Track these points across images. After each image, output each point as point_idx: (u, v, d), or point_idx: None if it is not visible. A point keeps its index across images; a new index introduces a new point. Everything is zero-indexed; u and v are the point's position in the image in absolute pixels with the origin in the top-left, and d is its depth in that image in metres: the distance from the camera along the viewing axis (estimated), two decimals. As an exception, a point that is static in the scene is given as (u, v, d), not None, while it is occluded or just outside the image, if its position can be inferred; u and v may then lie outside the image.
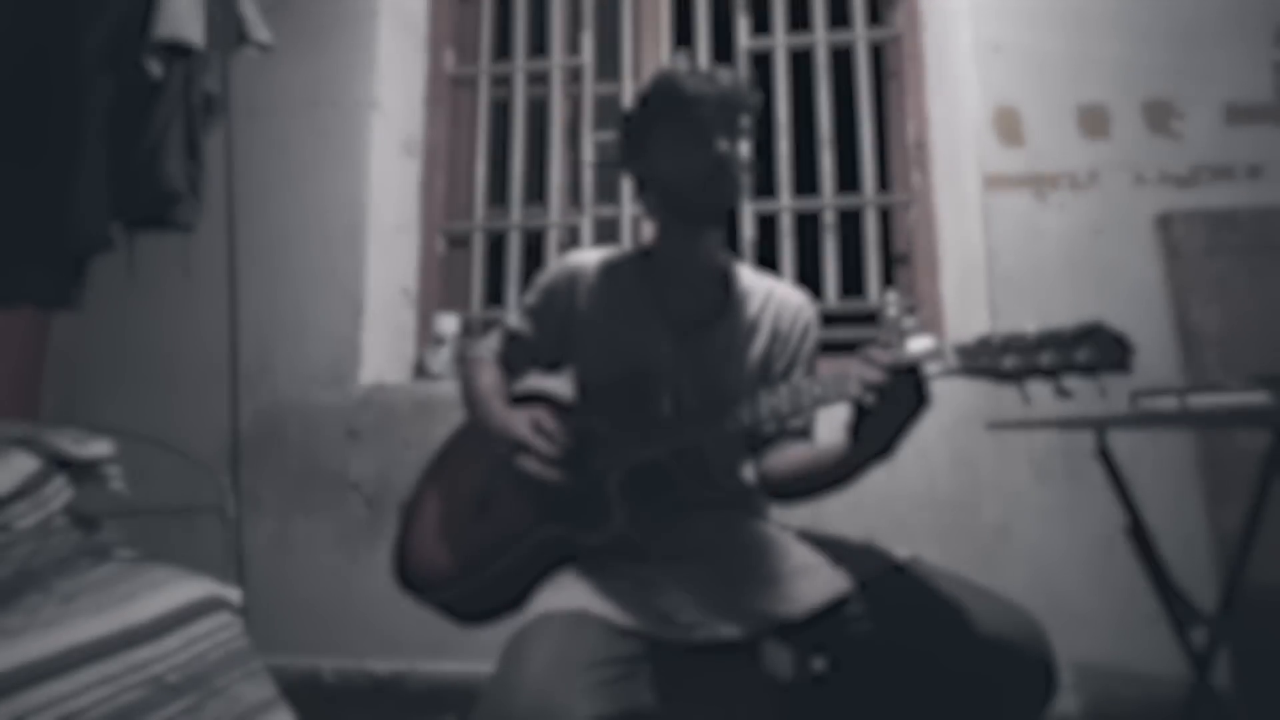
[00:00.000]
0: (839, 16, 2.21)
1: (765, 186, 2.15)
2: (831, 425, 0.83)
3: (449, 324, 2.10)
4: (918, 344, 0.74)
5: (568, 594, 0.83)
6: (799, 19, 2.21)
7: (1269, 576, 1.41)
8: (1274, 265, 1.65)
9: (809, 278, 2.02)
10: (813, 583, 0.84)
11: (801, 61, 2.20)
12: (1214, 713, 1.23)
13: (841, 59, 2.19)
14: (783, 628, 0.83)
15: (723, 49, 2.23)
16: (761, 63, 2.19)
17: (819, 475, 0.89)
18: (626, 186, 2.21)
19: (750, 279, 1.11)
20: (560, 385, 1.11)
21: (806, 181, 2.17)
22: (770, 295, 1.09)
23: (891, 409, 0.72)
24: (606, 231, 2.26)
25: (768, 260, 2.03)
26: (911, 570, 0.82)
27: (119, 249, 1.53)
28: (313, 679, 1.84)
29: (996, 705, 0.71)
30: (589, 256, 1.13)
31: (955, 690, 0.72)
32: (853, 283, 2.07)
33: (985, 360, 0.71)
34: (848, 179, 2.13)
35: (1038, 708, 0.71)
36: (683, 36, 2.29)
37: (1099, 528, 1.62)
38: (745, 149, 1.01)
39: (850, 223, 2.14)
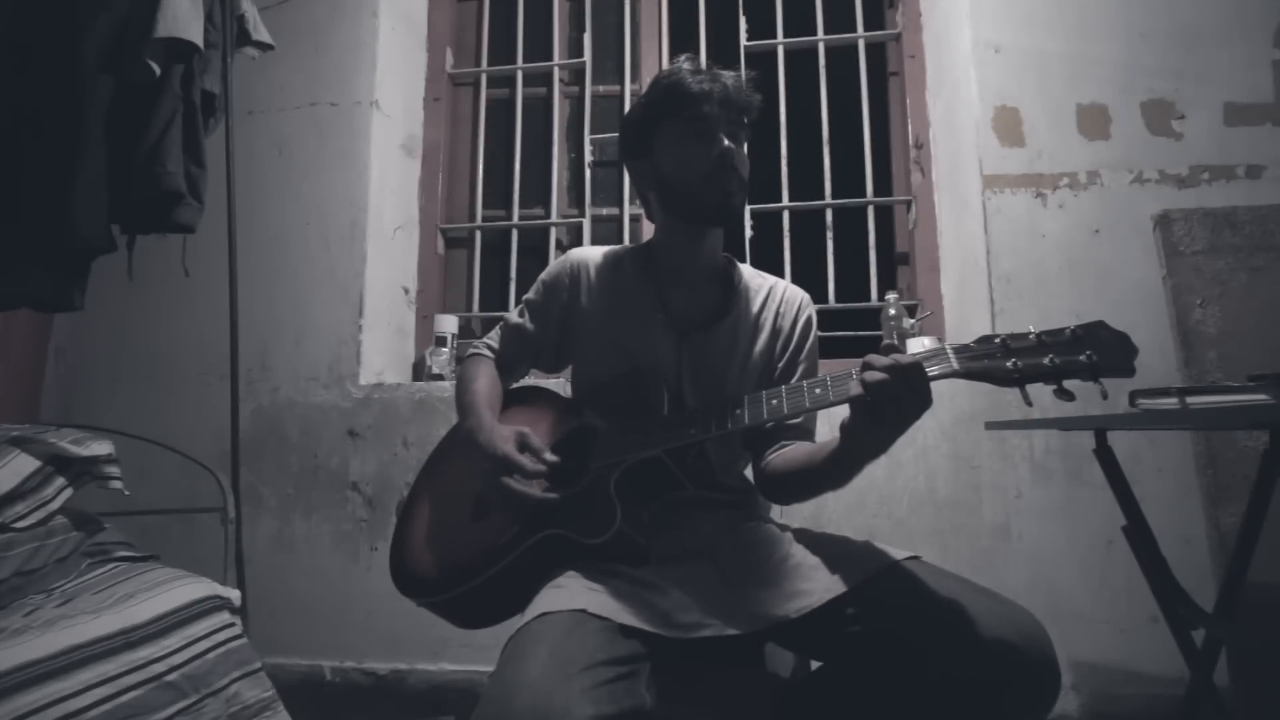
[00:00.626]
0: (839, 17, 2.21)
1: (766, 187, 2.15)
2: (832, 425, 0.83)
3: (449, 324, 2.10)
4: (918, 346, 0.74)
5: (568, 594, 0.83)
6: (799, 19, 2.21)
7: (1269, 576, 1.41)
8: (1274, 265, 1.65)
9: (809, 278, 2.01)
10: (812, 583, 0.84)
11: (801, 62, 2.20)
12: (1214, 712, 1.23)
13: (841, 59, 2.19)
14: (782, 628, 0.82)
15: (723, 49, 2.22)
16: (761, 63, 2.19)
17: (816, 473, 0.89)
18: (626, 186, 2.22)
19: (751, 277, 1.11)
20: (558, 386, 1.10)
21: (807, 181, 2.16)
22: (771, 293, 1.09)
23: (892, 410, 0.72)
24: (606, 231, 2.26)
25: (768, 260, 2.03)
26: (911, 570, 0.82)
27: (119, 250, 1.53)
28: (313, 679, 1.84)
29: (998, 706, 0.70)
30: (592, 252, 1.13)
31: (956, 691, 0.72)
32: (853, 283, 2.07)
33: (986, 362, 0.70)
34: (848, 179, 2.13)
35: (1040, 709, 0.71)
36: (682, 37, 2.29)
37: (1099, 528, 1.62)
38: (746, 149, 1.01)
39: (850, 223, 2.14)
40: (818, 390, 0.81)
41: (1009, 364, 0.69)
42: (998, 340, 0.71)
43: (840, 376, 0.79)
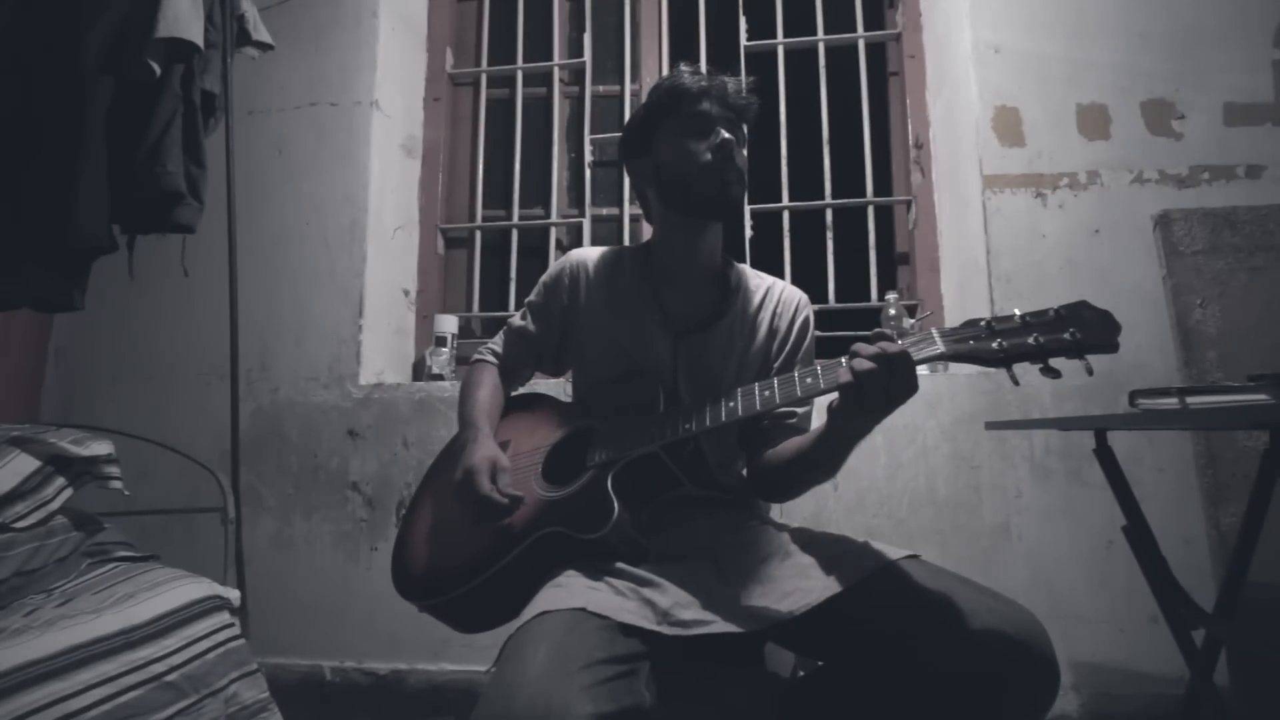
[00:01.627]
0: (839, 17, 2.21)
1: (766, 187, 2.14)
2: (823, 416, 0.83)
3: (449, 324, 2.10)
4: (910, 338, 0.75)
5: (567, 593, 0.83)
6: (799, 19, 2.21)
7: (1269, 576, 1.41)
8: (1274, 265, 1.65)
9: (809, 278, 2.01)
10: (811, 581, 0.84)
11: (801, 62, 2.20)
12: (1214, 712, 1.23)
13: (841, 59, 2.19)
14: (782, 626, 0.82)
15: (723, 49, 2.22)
16: (762, 63, 2.19)
17: (805, 461, 0.91)
18: (626, 186, 2.22)
19: (749, 277, 1.12)
20: (557, 388, 1.11)
21: (807, 181, 2.16)
22: (769, 294, 1.10)
23: (880, 397, 0.73)
24: (606, 231, 2.26)
25: (768, 260, 2.03)
26: (910, 569, 0.82)
27: (119, 250, 1.53)
28: (313, 679, 1.84)
29: (998, 704, 0.70)
30: (591, 253, 1.14)
31: (955, 689, 0.72)
32: (853, 283, 2.07)
33: (972, 343, 0.71)
34: (848, 179, 2.13)
35: (1039, 707, 0.71)
36: (682, 37, 2.28)
37: (1099, 528, 1.62)
38: (745, 151, 1.02)
39: (850, 223, 2.14)
40: (809, 379, 0.82)
41: (994, 345, 0.70)
42: (983, 323, 0.72)
43: (830, 364, 0.81)
